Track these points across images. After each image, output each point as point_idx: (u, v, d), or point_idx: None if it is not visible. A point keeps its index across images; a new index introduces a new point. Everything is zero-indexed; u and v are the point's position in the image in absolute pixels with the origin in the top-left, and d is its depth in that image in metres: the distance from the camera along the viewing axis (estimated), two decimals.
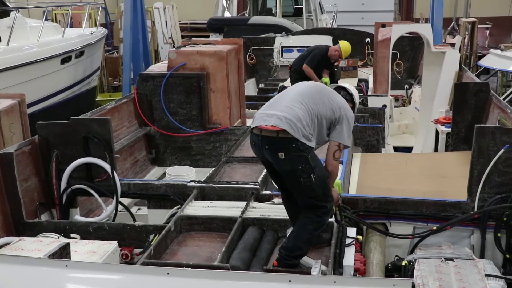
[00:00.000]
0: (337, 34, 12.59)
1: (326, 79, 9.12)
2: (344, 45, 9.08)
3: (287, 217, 4.48)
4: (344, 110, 4.01)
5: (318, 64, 9.09)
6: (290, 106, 3.86)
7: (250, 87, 11.91)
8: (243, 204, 4.81)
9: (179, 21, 19.93)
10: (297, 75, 9.30)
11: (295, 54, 11.63)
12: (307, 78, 9.29)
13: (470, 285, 3.84)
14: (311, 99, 3.95)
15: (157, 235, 4.43)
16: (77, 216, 5.27)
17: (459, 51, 8.65)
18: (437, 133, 7.86)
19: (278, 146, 3.76)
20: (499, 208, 4.55)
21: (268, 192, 5.17)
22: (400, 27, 9.44)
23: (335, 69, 9.33)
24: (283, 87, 9.53)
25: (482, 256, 4.58)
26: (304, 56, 9.33)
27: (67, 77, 11.96)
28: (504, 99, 11.33)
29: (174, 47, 13.75)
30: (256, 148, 3.96)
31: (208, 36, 15.93)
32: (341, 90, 4.31)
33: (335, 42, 12.06)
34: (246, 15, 18.42)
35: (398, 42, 9.37)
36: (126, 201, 5.61)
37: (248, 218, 4.58)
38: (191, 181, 5.35)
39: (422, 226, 4.81)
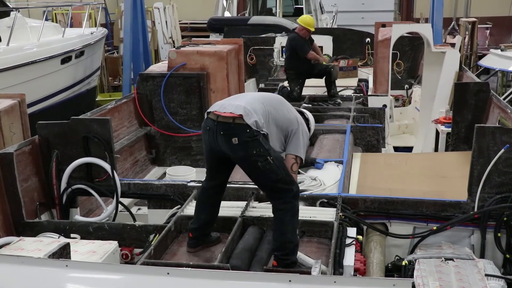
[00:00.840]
0: (337, 34, 12.60)
1: (325, 56, 9.14)
2: (303, 20, 9.04)
3: None
4: (301, 125, 4.17)
5: (308, 47, 9.12)
6: (251, 101, 4.00)
7: (250, 87, 11.91)
8: (243, 204, 4.81)
9: (179, 21, 19.94)
10: (293, 75, 9.28)
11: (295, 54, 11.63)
12: (304, 75, 9.26)
13: (470, 285, 3.84)
14: (271, 105, 4.08)
15: (157, 235, 4.42)
16: (77, 216, 5.27)
17: (459, 51, 8.67)
18: (437, 133, 7.86)
19: (232, 132, 3.85)
20: (499, 208, 4.55)
21: None
22: (400, 27, 9.45)
23: (332, 68, 9.31)
24: (283, 87, 9.54)
25: (482, 256, 4.57)
26: (291, 55, 9.25)
27: (67, 77, 11.96)
28: (504, 99, 11.33)
29: (174, 47, 13.75)
30: (210, 134, 3.95)
31: (208, 36, 15.93)
32: (299, 113, 4.43)
33: (335, 42, 12.11)
34: (246, 15, 18.42)
35: (398, 42, 9.37)
36: (126, 201, 5.61)
37: (248, 218, 4.57)
38: (191, 181, 5.35)
39: (422, 226, 4.81)
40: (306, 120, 4.46)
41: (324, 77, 9.20)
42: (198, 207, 4.32)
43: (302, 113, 4.50)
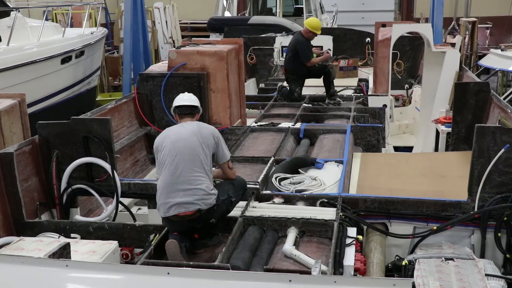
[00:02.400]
0: (338, 34, 12.59)
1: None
2: (309, 22, 9.07)
3: (288, 217, 4.49)
4: (215, 133, 4.42)
5: (310, 52, 9.11)
6: (189, 177, 4.17)
7: (250, 87, 11.91)
8: (243, 204, 4.80)
9: (179, 21, 19.93)
10: (293, 76, 9.28)
11: None
12: (304, 76, 9.26)
13: (471, 284, 3.84)
14: (197, 154, 4.22)
15: (158, 235, 4.42)
16: (77, 216, 5.27)
17: (459, 50, 8.67)
18: (437, 132, 7.86)
19: (207, 217, 4.21)
20: (500, 208, 4.55)
21: (268, 192, 5.18)
22: (400, 26, 9.45)
23: (331, 68, 9.31)
24: (282, 87, 9.53)
25: (482, 256, 4.57)
26: (293, 56, 9.24)
27: (67, 77, 11.96)
28: (504, 99, 11.33)
29: (174, 47, 13.75)
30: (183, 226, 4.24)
31: (208, 36, 15.93)
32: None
33: (335, 42, 12.10)
34: (246, 15, 18.41)
35: (398, 42, 9.37)
36: (126, 201, 5.60)
37: (248, 218, 4.57)
38: None
39: (423, 226, 4.81)
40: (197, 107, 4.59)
41: (322, 77, 9.20)
42: None
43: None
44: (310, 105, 8.92)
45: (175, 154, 4.18)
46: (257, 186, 5.11)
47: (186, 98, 4.56)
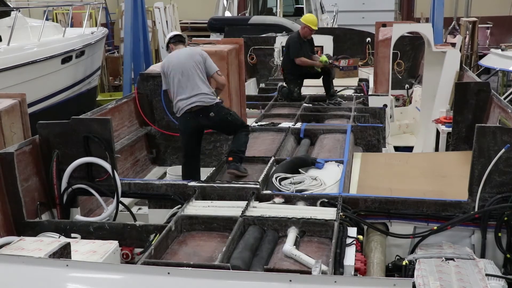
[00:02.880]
0: (338, 33, 12.60)
1: (323, 56, 9.07)
2: (307, 18, 9.02)
3: (288, 217, 4.49)
4: (202, 53, 6.10)
5: (300, 48, 9.02)
6: (192, 84, 5.90)
7: (251, 87, 11.91)
8: (243, 203, 4.81)
9: (179, 20, 19.95)
10: (291, 75, 9.27)
11: None
12: (302, 76, 9.24)
13: (471, 284, 3.84)
14: (194, 69, 5.93)
15: (158, 234, 4.42)
16: (77, 216, 5.27)
17: (460, 50, 8.66)
18: (437, 132, 7.86)
19: (207, 111, 5.89)
20: (500, 208, 4.54)
21: (268, 191, 5.18)
22: (400, 26, 9.45)
23: (330, 68, 9.29)
24: (283, 87, 9.54)
25: (482, 256, 4.57)
26: (286, 54, 9.27)
27: (68, 76, 11.97)
28: (504, 98, 11.32)
29: None
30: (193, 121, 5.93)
31: (208, 36, 15.94)
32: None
33: (335, 41, 12.11)
34: (247, 14, 18.41)
35: (398, 42, 9.37)
36: (126, 200, 5.61)
37: (248, 218, 4.57)
38: (192, 180, 5.35)
39: (423, 225, 4.80)
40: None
41: (321, 77, 9.20)
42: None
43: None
44: (311, 105, 8.92)
45: (180, 72, 5.91)
46: (258, 186, 5.11)
47: (175, 32, 6.57)
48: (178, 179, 6.10)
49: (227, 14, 17.54)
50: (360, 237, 4.43)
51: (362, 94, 9.85)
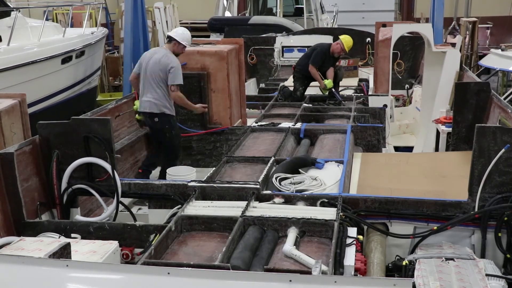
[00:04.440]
0: (338, 33, 12.53)
1: (328, 81, 9.13)
2: (346, 39, 9.15)
3: (288, 217, 4.49)
4: (171, 64, 6.56)
5: (323, 62, 9.13)
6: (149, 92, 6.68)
7: (251, 87, 11.92)
8: (243, 204, 4.80)
9: (179, 21, 19.95)
10: (300, 74, 9.33)
11: (296, 54, 11.66)
12: (310, 78, 9.32)
13: (471, 284, 3.84)
14: (156, 75, 6.59)
15: (158, 235, 4.42)
16: (77, 216, 5.27)
17: (460, 50, 8.66)
18: (437, 132, 7.86)
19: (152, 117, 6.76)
20: (500, 208, 4.54)
21: (268, 192, 5.17)
22: (400, 26, 9.45)
23: (338, 70, 9.36)
24: (284, 87, 9.55)
25: (483, 256, 4.57)
26: (307, 56, 9.37)
27: (68, 77, 11.97)
28: (504, 98, 11.33)
29: None
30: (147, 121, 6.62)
31: (208, 36, 15.95)
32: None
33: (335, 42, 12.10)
34: (247, 15, 18.42)
35: (398, 42, 9.37)
36: (126, 201, 5.60)
37: (248, 218, 4.57)
38: (192, 181, 5.35)
39: (423, 225, 4.80)
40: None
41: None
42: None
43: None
44: (311, 105, 8.92)
45: (145, 72, 6.67)
46: (258, 186, 5.10)
47: (174, 30, 7.04)
48: (177, 179, 6.10)
49: (227, 14, 17.55)
50: (360, 237, 4.43)
51: (362, 94, 9.86)
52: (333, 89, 9.27)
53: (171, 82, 6.53)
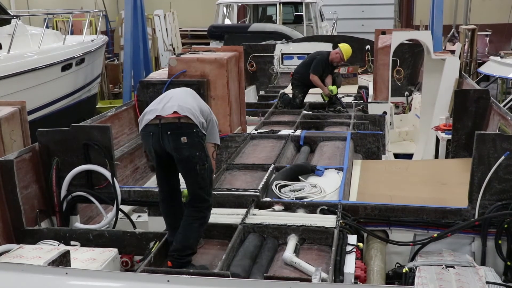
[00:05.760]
0: (337, 41, 12.57)
1: (333, 87, 9.16)
2: (345, 47, 9.16)
3: (288, 224, 4.48)
4: (212, 114, 4.38)
5: (322, 70, 9.16)
6: (184, 98, 4.18)
7: (251, 94, 11.93)
8: (243, 211, 4.80)
9: (179, 28, 19.98)
10: (299, 82, 9.34)
11: (296, 61, 11.67)
12: (309, 85, 9.33)
13: None
14: (193, 97, 4.32)
15: (158, 242, 4.41)
16: (77, 223, 5.26)
17: (459, 58, 8.68)
18: (437, 140, 7.86)
19: (181, 131, 3.98)
20: (500, 215, 4.54)
21: (268, 199, 5.17)
22: (400, 34, 9.47)
23: (336, 77, 9.37)
24: (284, 94, 9.56)
25: (483, 263, 4.56)
26: (306, 63, 9.38)
27: (68, 84, 11.98)
28: (504, 106, 11.34)
29: (174, 54, 13.78)
30: (154, 138, 4.06)
31: (208, 43, 15.98)
32: None
33: (335, 49, 12.12)
34: (246, 22, 18.47)
35: (398, 49, 9.39)
36: (126, 208, 5.60)
37: (248, 225, 4.57)
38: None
39: (423, 233, 4.80)
40: None
41: None
42: (169, 224, 4.41)
43: None
44: (310, 112, 8.93)
45: None
46: (257, 194, 5.10)
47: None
48: None
49: (227, 21, 17.58)
50: (360, 244, 4.42)
51: (362, 102, 9.86)
52: (338, 95, 9.33)
53: None
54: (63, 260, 3.56)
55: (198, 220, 4.12)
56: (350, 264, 4.06)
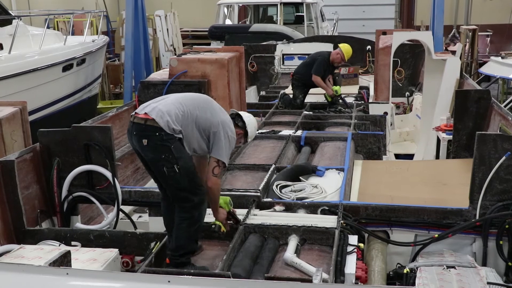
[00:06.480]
0: (338, 41, 12.56)
1: (337, 87, 9.16)
2: (345, 48, 9.16)
3: (289, 225, 4.48)
4: (224, 128, 4.10)
5: (324, 71, 9.15)
6: (169, 103, 4.07)
7: (251, 95, 11.93)
8: (244, 211, 4.80)
9: (180, 28, 19.99)
10: (299, 82, 9.34)
11: (296, 62, 11.66)
12: (310, 85, 9.33)
13: None
14: (194, 105, 4.12)
15: (158, 242, 4.41)
16: (78, 224, 5.26)
17: (460, 58, 8.67)
18: (438, 140, 7.86)
19: (144, 133, 3.98)
20: (501, 216, 4.54)
21: (269, 199, 5.17)
22: (401, 34, 9.47)
23: (337, 77, 9.38)
24: (285, 94, 9.56)
25: (484, 264, 4.56)
26: (307, 64, 9.37)
27: (69, 84, 11.98)
28: (505, 106, 11.33)
29: (175, 54, 13.79)
30: (128, 135, 4.15)
31: (209, 44, 15.98)
32: (236, 116, 4.42)
33: (335, 49, 12.13)
34: (247, 22, 18.47)
35: (399, 50, 9.39)
36: (127, 208, 5.60)
37: (249, 226, 4.57)
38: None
39: (424, 233, 4.80)
40: (242, 123, 4.40)
41: None
42: (168, 225, 4.35)
43: (239, 116, 4.42)
44: (311, 112, 8.93)
45: None
46: (258, 194, 5.10)
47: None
48: None
49: (228, 22, 17.58)
50: (361, 245, 4.42)
51: (363, 102, 9.86)
52: (342, 95, 9.34)
53: None
54: (64, 261, 3.56)
55: (185, 220, 4.08)
56: (351, 265, 4.06)
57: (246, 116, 4.46)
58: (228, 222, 4.47)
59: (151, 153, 4.00)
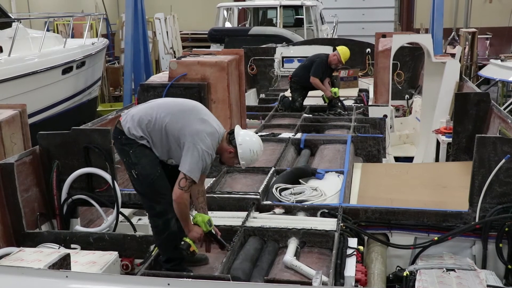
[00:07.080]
0: (338, 44, 12.57)
1: (335, 89, 9.17)
2: (343, 50, 9.18)
3: (288, 228, 4.48)
4: (194, 140, 3.78)
5: (322, 73, 9.17)
6: (143, 107, 4.09)
7: (251, 98, 11.94)
8: (244, 214, 4.80)
9: (180, 31, 20.02)
10: (298, 85, 9.36)
11: (296, 64, 11.67)
12: (308, 88, 9.34)
13: None
14: (168, 112, 3.92)
15: None
16: (77, 227, 5.26)
17: (460, 61, 8.68)
18: (438, 143, 7.86)
19: (112, 135, 4.21)
20: (501, 219, 4.54)
21: (269, 202, 5.17)
22: (400, 37, 9.47)
23: (335, 79, 9.39)
24: (284, 97, 9.57)
25: (484, 266, 4.56)
26: (304, 66, 9.39)
27: (68, 87, 11.99)
28: (504, 109, 11.34)
29: (175, 57, 13.80)
30: None
31: (209, 47, 15.99)
32: (229, 134, 4.07)
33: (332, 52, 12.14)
34: (247, 25, 18.49)
35: (398, 52, 9.39)
36: (126, 211, 5.59)
37: (249, 229, 4.56)
38: None
39: (424, 236, 4.79)
40: (234, 141, 4.03)
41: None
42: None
43: (232, 133, 4.06)
44: (311, 115, 8.93)
45: None
46: (258, 197, 5.10)
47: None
48: None
49: (227, 25, 17.61)
50: (361, 247, 4.42)
51: (362, 105, 9.87)
52: (341, 97, 9.34)
53: None
54: (63, 263, 3.55)
55: (153, 229, 4.05)
56: (350, 268, 4.05)
57: (247, 136, 4.08)
58: (212, 244, 4.12)
59: (118, 155, 4.15)
